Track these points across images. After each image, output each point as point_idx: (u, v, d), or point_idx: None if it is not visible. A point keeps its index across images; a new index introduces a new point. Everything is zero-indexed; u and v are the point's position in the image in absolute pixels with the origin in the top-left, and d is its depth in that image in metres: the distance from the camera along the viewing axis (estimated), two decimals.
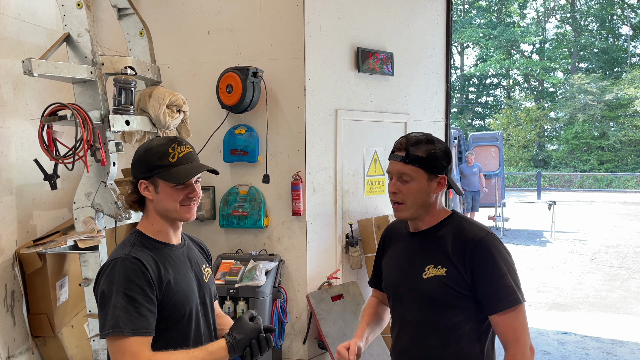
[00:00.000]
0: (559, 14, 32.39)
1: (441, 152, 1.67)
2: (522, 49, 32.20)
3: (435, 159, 1.66)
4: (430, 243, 1.70)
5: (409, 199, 1.67)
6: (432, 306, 1.65)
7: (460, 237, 1.65)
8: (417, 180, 1.66)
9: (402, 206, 1.69)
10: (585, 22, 31.47)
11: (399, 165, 1.68)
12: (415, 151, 1.66)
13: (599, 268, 8.30)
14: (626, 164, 26.36)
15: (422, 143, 1.67)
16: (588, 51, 30.49)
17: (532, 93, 32.06)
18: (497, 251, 1.61)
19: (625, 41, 30.31)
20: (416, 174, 1.65)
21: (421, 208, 1.69)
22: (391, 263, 1.84)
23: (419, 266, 1.69)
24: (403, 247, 1.80)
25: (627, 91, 25.30)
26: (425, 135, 1.71)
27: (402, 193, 1.68)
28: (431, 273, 1.65)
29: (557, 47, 30.98)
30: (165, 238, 1.65)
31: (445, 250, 1.65)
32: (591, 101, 26.44)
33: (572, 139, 27.19)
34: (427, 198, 1.68)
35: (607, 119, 26.67)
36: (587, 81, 26.98)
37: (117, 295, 1.45)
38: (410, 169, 1.66)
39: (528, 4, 32.00)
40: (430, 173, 1.66)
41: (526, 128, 28.66)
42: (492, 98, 33.93)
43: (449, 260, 1.63)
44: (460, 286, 1.61)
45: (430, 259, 1.67)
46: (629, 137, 26.25)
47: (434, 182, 1.67)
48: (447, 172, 1.69)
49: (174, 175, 1.56)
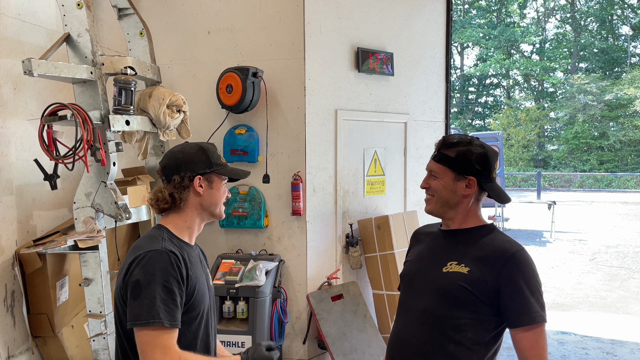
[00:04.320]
0: (559, 14, 32.39)
1: (475, 155, 1.70)
2: (522, 49, 32.21)
3: (465, 160, 1.70)
4: (460, 242, 1.73)
5: (436, 195, 1.74)
6: (444, 300, 1.66)
7: (494, 245, 1.66)
8: (443, 178, 1.72)
9: (430, 199, 1.77)
10: (585, 22, 31.48)
11: (431, 162, 1.77)
12: (445, 151, 1.73)
13: (599, 268, 8.30)
14: (626, 164, 26.36)
15: (456, 144, 1.72)
16: (588, 51, 30.50)
17: (532, 93, 32.06)
18: (529, 268, 1.61)
19: (625, 41, 30.31)
20: (443, 172, 1.72)
21: (446, 205, 1.73)
22: (413, 256, 1.88)
23: (441, 260, 1.72)
24: (428, 243, 1.84)
25: (627, 91, 25.31)
26: (465, 137, 1.76)
27: (430, 188, 1.75)
28: (452, 269, 1.67)
29: (557, 47, 30.99)
30: (188, 237, 1.72)
31: (474, 252, 1.67)
32: (591, 101, 26.44)
33: (572, 139, 27.19)
34: (452, 196, 1.71)
35: (607, 119, 26.67)
36: (587, 81, 26.99)
37: (157, 286, 1.47)
38: (438, 167, 1.74)
39: (528, 4, 32.00)
40: (458, 173, 1.70)
41: (526, 128, 28.66)
42: (492, 98, 33.93)
43: (476, 263, 1.64)
44: (479, 289, 1.61)
45: (455, 256, 1.69)
46: (629, 137, 26.25)
47: (461, 183, 1.71)
48: (481, 175, 1.70)
49: (234, 172, 1.78)
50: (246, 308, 3.43)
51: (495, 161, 1.75)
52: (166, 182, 1.70)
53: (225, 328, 3.44)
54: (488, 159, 1.71)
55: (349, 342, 3.63)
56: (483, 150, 1.71)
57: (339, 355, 3.51)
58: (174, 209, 1.70)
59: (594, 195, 21.40)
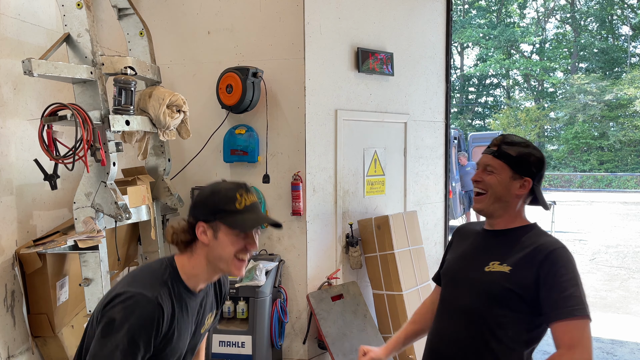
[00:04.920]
0: (558, 14, 32.39)
1: (534, 158, 1.71)
2: (522, 49, 32.21)
3: (525, 162, 1.70)
4: (503, 242, 1.73)
5: (489, 190, 1.72)
6: (486, 299, 1.67)
7: (536, 243, 1.66)
8: (500, 174, 1.71)
9: (482, 197, 1.75)
10: (585, 22, 31.48)
11: (488, 157, 1.75)
12: (507, 149, 1.72)
13: (599, 268, 8.30)
14: (626, 164, 26.36)
15: (517, 144, 1.73)
16: (588, 51, 30.50)
17: (532, 93, 32.06)
18: (570, 263, 1.61)
19: (625, 41, 30.31)
20: (501, 168, 1.71)
21: (498, 203, 1.72)
22: (455, 253, 1.89)
23: (483, 260, 1.72)
24: (472, 241, 1.84)
25: (627, 91, 25.31)
26: (524, 140, 1.76)
27: (483, 182, 1.74)
28: (495, 268, 1.67)
29: (557, 47, 30.99)
30: (194, 285, 1.57)
31: (516, 251, 1.67)
32: (591, 101, 26.44)
33: (572, 139, 27.19)
34: (506, 194, 1.71)
35: (607, 119, 26.67)
36: (587, 81, 26.99)
37: (125, 335, 1.39)
38: (497, 162, 1.72)
39: (528, 4, 32.00)
40: (515, 172, 1.70)
41: (526, 128, 28.66)
42: (492, 98, 33.93)
43: (517, 261, 1.64)
44: (521, 287, 1.61)
45: (497, 256, 1.70)
46: (628, 137, 26.25)
47: (516, 182, 1.71)
48: (535, 178, 1.71)
49: (240, 222, 1.49)
50: (246, 308, 3.43)
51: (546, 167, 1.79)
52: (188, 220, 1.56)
53: (225, 328, 3.44)
54: (544, 165, 1.74)
55: (349, 342, 3.62)
56: (541, 155, 1.74)
57: (339, 355, 3.51)
58: (188, 250, 1.56)
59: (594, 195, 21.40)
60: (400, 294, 3.87)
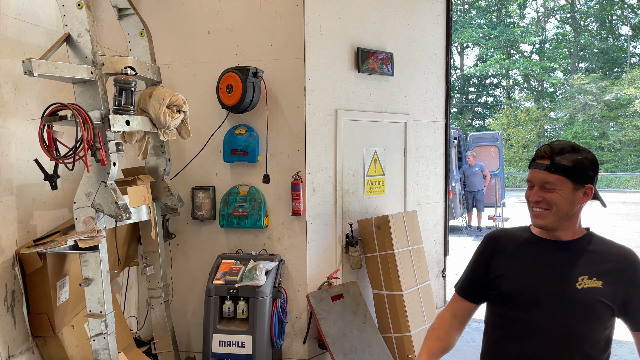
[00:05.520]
0: (558, 14, 32.38)
1: (588, 162, 1.63)
2: (522, 49, 32.20)
3: (583, 169, 1.61)
4: (579, 254, 1.66)
5: (554, 208, 1.63)
6: (586, 318, 1.60)
7: (613, 252, 1.65)
8: (562, 190, 1.61)
9: (545, 212, 1.64)
10: (585, 22, 31.47)
11: (542, 173, 1.63)
12: (561, 160, 1.61)
13: None
14: (626, 164, 26.36)
15: (567, 152, 1.63)
16: (588, 51, 30.49)
17: (532, 93, 32.05)
18: None
19: (625, 41, 30.31)
20: (561, 183, 1.61)
21: (564, 218, 1.64)
22: (518, 269, 1.72)
23: (570, 276, 1.63)
24: (537, 254, 1.71)
25: (627, 91, 25.30)
26: (569, 143, 1.66)
27: (545, 201, 1.63)
28: (587, 284, 1.60)
29: (556, 47, 30.98)
30: None
31: (599, 263, 1.63)
32: (591, 101, 26.44)
33: (572, 139, 27.12)
34: (571, 208, 1.63)
35: (606, 119, 26.67)
36: (587, 81, 26.98)
37: None
38: (555, 178, 1.61)
39: (528, 4, 31.99)
40: (577, 183, 1.61)
41: (526, 128, 28.65)
42: (492, 98, 33.92)
43: (605, 275, 1.61)
44: (614, 301, 1.59)
45: (583, 270, 1.63)
46: (628, 137, 26.25)
47: (579, 192, 1.62)
48: (594, 182, 1.64)
49: None
50: (246, 308, 3.43)
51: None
52: None
53: (226, 328, 3.45)
54: (598, 165, 1.67)
55: (349, 341, 3.63)
56: (593, 156, 1.66)
57: (339, 355, 3.51)
58: None
59: None
60: (400, 294, 3.87)
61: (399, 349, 3.88)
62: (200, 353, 3.72)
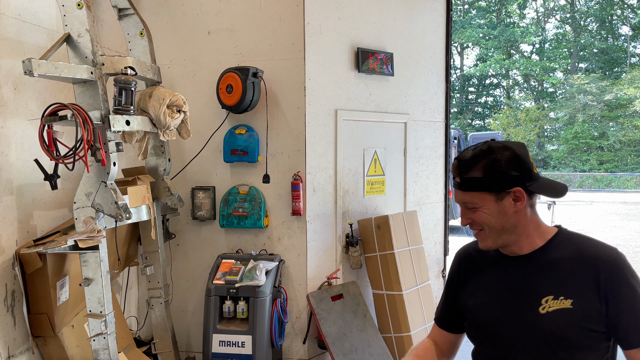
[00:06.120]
0: (558, 14, 32.40)
1: (505, 162, 1.36)
2: (522, 49, 32.21)
3: (499, 173, 1.36)
4: (542, 269, 1.39)
5: (486, 227, 1.40)
6: (559, 348, 1.34)
7: (586, 257, 1.35)
8: (485, 206, 1.38)
9: (481, 233, 1.43)
10: (585, 22, 31.49)
11: (459, 193, 1.42)
12: (468, 173, 1.38)
13: None
14: (626, 164, 26.37)
15: (475, 160, 1.38)
16: (588, 51, 30.51)
17: (532, 93, 32.07)
18: (634, 273, 1.34)
19: (624, 41, 30.32)
20: (480, 199, 1.38)
21: (505, 234, 1.40)
22: (482, 296, 1.50)
23: (532, 298, 1.38)
24: (498, 275, 1.47)
25: (627, 91, 25.33)
26: (481, 147, 1.40)
27: (475, 222, 1.42)
28: (552, 306, 1.34)
29: (556, 47, 31.00)
30: None
31: (566, 276, 1.35)
32: (591, 101, 26.46)
33: (572, 139, 27.20)
34: (507, 220, 1.38)
35: (606, 119, 26.69)
36: (587, 81, 27.01)
37: None
38: (470, 196, 1.39)
39: (528, 4, 32.01)
40: (497, 192, 1.36)
41: (526, 128, 28.67)
42: (492, 98, 33.94)
43: (574, 289, 1.33)
44: (593, 320, 1.32)
45: (547, 289, 1.36)
46: (628, 137, 26.27)
47: (506, 200, 1.37)
48: (523, 180, 1.37)
49: None
50: (246, 308, 3.44)
51: (528, 154, 1.40)
52: None
53: (225, 328, 3.45)
54: (520, 158, 1.37)
55: (349, 342, 3.63)
56: (509, 152, 1.37)
57: (339, 355, 3.51)
58: None
59: (593, 195, 21.39)
60: (400, 294, 3.87)
61: (399, 349, 3.88)
62: (200, 353, 3.72)
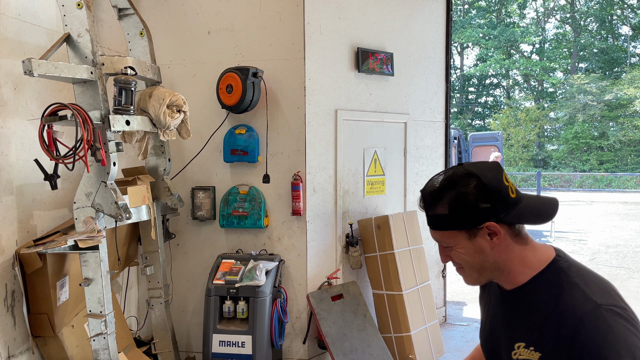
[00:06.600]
0: (558, 14, 32.39)
1: (472, 194, 1.18)
2: (522, 49, 32.21)
3: (465, 208, 1.19)
4: (521, 309, 1.25)
5: (464, 266, 1.27)
6: None
7: (559, 307, 1.16)
8: (458, 245, 1.24)
9: (462, 271, 1.30)
10: (585, 23, 31.48)
11: (431, 231, 1.29)
12: (434, 210, 1.24)
13: (598, 268, 8.30)
14: (626, 164, 26.36)
15: (439, 194, 1.23)
16: (588, 51, 30.50)
17: (532, 93, 32.06)
18: (612, 335, 1.08)
19: (625, 41, 30.31)
20: (451, 238, 1.24)
21: (486, 271, 1.26)
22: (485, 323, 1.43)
23: (508, 339, 1.27)
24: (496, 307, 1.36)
25: (627, 91, 25.32)
26: (445, 176, 1.24)
27: (453, 261, 1.29)
28: (522, 355, 1.22)
29: (556, 47, 30.99)
30: None
31: (539, 324, 1.19)
32: (591, 101, 26.45)
33: (572, 139, 27.20)
34: (484, 258, 1.23)
35: (606, 119, 26.68)
36: (587, 81, 27.00)
37: None
38: (440, 235, 1.26)
39: (528, 4, 32.00)
40: (468, 229, 1.21)
41: (526, 128, 28.66)
42: (492, 98, 33.93)
43: (545, 342, 1.17)
44: None
45: (520, 334, 1.24)
46: (628, 137, 26.26)
47: (481, 237, 1.21)
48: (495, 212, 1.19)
49: None
50: (246, 308, 3.44)
51: (500, 177, 1.22)
52: None
53: (225, 328, 3.45)
54: (489, 187, 1.18)
55: (349, 341, 3.63)
56: (476, 180, 1.19)
57: (339, 355, 3.51)
58: None
59: (593, 195, 21.39)
60: (400, 294, 3.87)
61: (399, 348, 3.88)
62: (200, 353, 3.72)
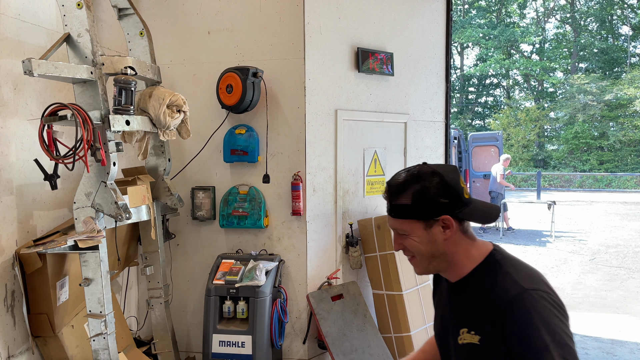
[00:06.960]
0: (558, 14, 32.39)
1: (434, 189, 1.35)
2: (522, 49, 32.22)
3: (426, 201, 1.35)
4: (463, 297, 1.40)
5: (417, 254, 1.41)
6: None
7: (493, 293, 1.31)
8: (414, 234, 1.38)
9: (413, 260, 1.43)
10: (585, 22, 31.49)
11: (390, 219, 1.43)
12: (397, 200, 1.39)
13: (598, 268, 8.30)
14: (626, 164, 26.37)
15: (404, 186, 1.38)
16: (588, 51, 30.51)
17: (532, 93, 32.07)
18: (536, 314, 1.22)
19: (625, 41, 30.32)
20: (409, 226, 1.38)
21: (435, 261, 1.40)
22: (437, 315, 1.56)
23: (455, 327, 1.41)
24: (444, 299, 1.51)
25: (627, 91, 25.33)
26: (412, 172, 1.41)
27: (406, 249, 1.42)
28: (465, 339, 1.35)
29: (556, 47, 31.00)
30: None
31: (478, 310, 1.33)
32: (591, 101, 26.46)
33: (572, 139, 27.21)
34: (436, 248, 1.38)
35: (606, 119, 26.69)
36: (587, 81, 27.01)
37: None
38: (399, 223, 1.40)
39: (528, 4, 32.01)
40: (425, 220, 1.36)
41: (526, 128, 28.67)
42: (492, 98, 33.94)
43: (482, 325, 1.31)
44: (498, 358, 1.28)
45: (464, 321, 1.37)
46: (628, 137, 26.27)
47: (435, 228, 1.36)
48: (452, 207, 1.36)
49: None
50: (246, 308, 3.44)
51: (458, 179, 1.38)
52: None
53: (225, 328, 3.45)
54: (449, 185, 1.36)
55: (349, 342, 3.63)
56: (438, 178, 1.36)
57: (339, 355, 3.51)
58: None
59: (593, 195, 21.39)
60: (400, 294, 3.87)
61: (399, 349, 3.88)
62: (200, 353, 3.72)
